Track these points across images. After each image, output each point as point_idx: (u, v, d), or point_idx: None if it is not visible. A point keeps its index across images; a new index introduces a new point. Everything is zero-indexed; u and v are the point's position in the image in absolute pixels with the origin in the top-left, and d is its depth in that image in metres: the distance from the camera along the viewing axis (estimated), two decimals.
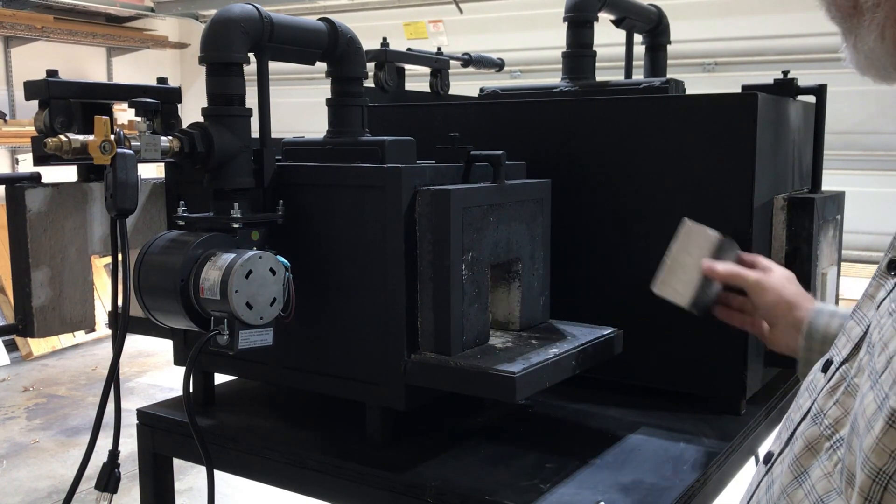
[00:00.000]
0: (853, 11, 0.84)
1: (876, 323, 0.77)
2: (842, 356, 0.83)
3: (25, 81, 1.72)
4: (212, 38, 1.50)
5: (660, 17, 2.41)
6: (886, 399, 0.68)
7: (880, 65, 0.84)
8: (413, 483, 1.43)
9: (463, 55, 2.63)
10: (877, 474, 0.67)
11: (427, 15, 7.19)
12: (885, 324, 0.74)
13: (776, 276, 1.44)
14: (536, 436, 1.61)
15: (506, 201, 1.57)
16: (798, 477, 0.82)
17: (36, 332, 1.66)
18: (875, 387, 0.70)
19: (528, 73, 6.67)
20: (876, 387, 0.70)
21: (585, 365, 1.55)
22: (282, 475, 1.59)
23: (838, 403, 0.80)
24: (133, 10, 7.81)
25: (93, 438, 1.44)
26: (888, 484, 0.66)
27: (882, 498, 0.67)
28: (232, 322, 1.41)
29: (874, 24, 0.82)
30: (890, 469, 0.66)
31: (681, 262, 1.50)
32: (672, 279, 1.50)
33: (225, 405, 1.81)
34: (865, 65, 0.86)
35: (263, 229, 1.54)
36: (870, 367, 0.74)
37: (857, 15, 0.84)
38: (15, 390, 5.75)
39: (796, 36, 5.58)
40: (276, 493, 1.80)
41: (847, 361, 0.81)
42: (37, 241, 1.64)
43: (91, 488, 1.45)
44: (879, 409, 0.68)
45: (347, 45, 1.64)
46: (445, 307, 1.45)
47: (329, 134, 1.69)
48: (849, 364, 0.80)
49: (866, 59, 0.85)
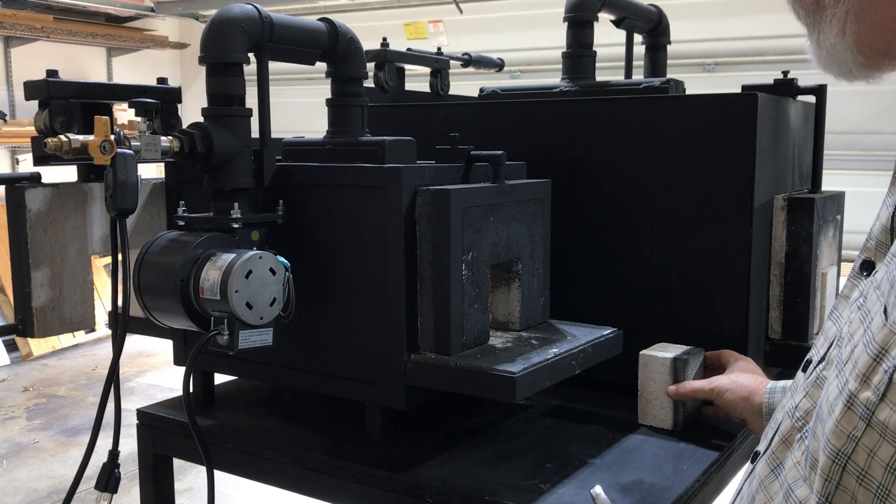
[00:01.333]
0: (816, 7, 0.85)
1: (847, 319, 0.80)
2: (819, 355, 0.86)
3: (25, 81, 1.72)
4: (212, 38, 1.50)
5: (660, 17, 2.41)
6: (846, 384, 0.71)
7: (841, 60, 0.84)
8: (413, 483, 1.43)
9: (463, 55, 2.63)
10: (836, 455, 0.69)
11: (427, 15, 7.19)
12: (853, 317, 0.77)
13: (734, 372, 1.58)
14: (536, 436, 1.61)
15: (506, 201, 1.57)
16: (774, 469, 0.85)
17: (36, 332, 1.66)
18: (839, 375, 0.73)
19: (528, 73, 6.67)
20: (840, 374, 0.73)
21: (585, 365, 1.55)
22: (282, 475, 1.59)
23: (808, 396, 0.83)
24: (133, 10, 7.81)
25: (93, 438, 1.44)
26: (846, 464, 0.69)
27: (841, 478, 0.69)
28: (232, 322, 1.40)
29: (836, 19, 0.82)
30: (848, 449, 0.69)
31: (650, 392, 1.62)
32: (649, 408, 1.63)
33: (225, 405, 1.81)
34: (827, 61, 0.86)
35: (263, 229, 1.54)
36: (837, 359, 0.77)
37: (820, 10, 0.84)
38: (15, 390, 5.75)
39: (796, 36, 5.53)
40: (276, 493, 1.80)
41: (823, 360, 0.84)
42: (37, 241, 1.64)
43: (91, 488, 1.45)
44: (840, 393, 0.71)
45: (347, 45, 1.64)
46: (445, 307, 1.45)
47: (329, 134, 1.69)
48: (824, 362, 0.83)
49: (828, 54, 0.85)
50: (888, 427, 0.66)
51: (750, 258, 1.69)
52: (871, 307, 0.75)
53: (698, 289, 1.73)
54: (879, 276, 0.76)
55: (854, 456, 0.69)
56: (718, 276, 1.71)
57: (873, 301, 0.75)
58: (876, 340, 0.70)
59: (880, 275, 0.76)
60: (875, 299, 0.74)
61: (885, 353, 0.68)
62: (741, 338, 1.69)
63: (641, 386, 1.63)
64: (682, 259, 1.75)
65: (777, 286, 1.84)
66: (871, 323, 0.72)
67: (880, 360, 0.68)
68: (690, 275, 1.74)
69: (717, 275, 1.71)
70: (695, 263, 1.73)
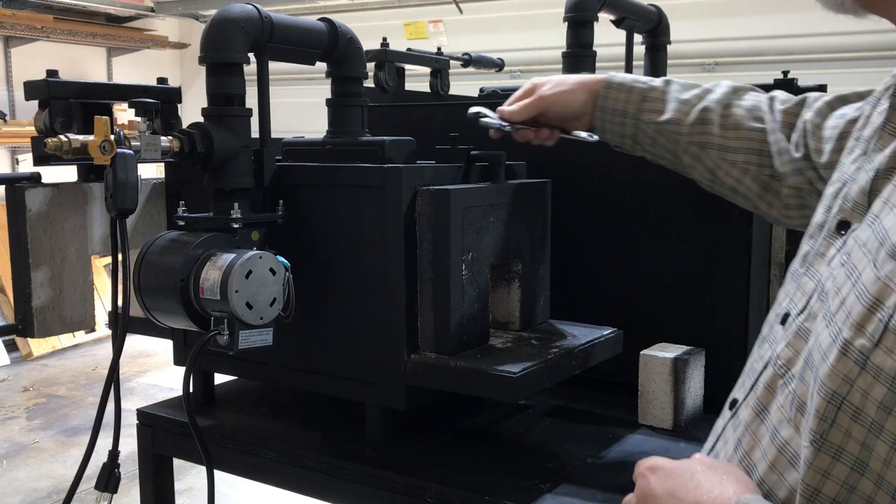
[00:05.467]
0: None
1: (829, 274, 0.86)
2: (798, 308, 0.92)
3: (25, 81, 1.71)
4: (212, 38, 1.50)
5: (660, 17, 2.41)
6: (840, 332, 0.77)
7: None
8: (413, 483, 1.43)
9: (463, 55, 2.63)
10: (831, 396, 0.76)
11: (427, 15, 7.19)
12: (839, 273, 0.83)
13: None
14: (536, 436, 1.61)
15: (506, 201, 1.57)
16: (759, 414, 0.91)
17: (36, 332, 1.66)
18: (830, 325, 0.80)
19: (528, 73, 6.66)
20: (831, 325, 0.79)
21: (585, 365, 1.55)
22: (282, 475, 1.59)
23: (789, 346, 0.89)
24: (133, 10, 7.80)
25: (93, 438, 1.44)
26: (842, 404, 0.75)
27: (836, 417, 0.76)
28: (232, 322, 1.41)
29: None
30: (843, 391, 0.75)
31: (650, 392, 1.63)
32: (649, 408, 1.63)
33: (225, 405, 1.81)
34: None
35: (263, 229, 1.54)
36: (824, 310, 0.83)
37: None
38: (15, 390, 5.75)
39: (796, 36, 5.58)
40: (276, 493, 1.80)
41: (801, 313, 0.90)
42: (37, 241, 1.63)
43: (91, 488, 1.45)
44: (834, 342, 0.78)
45: (347, 45, 1.64)
46: (445, 307, 1.45)
47: (329, 134, 1.69)
48: (802, 315, 0.90)
49: None
50: (882, 370, 0.72)
51: (750, 258, 1.69)
52: (857, 263, 0.81)
53: (698, 289, 1.74)
54: (865, 236, 0.82)
55: (849, 396, 0.75)
56: (718, 276, 1.71)
57: (860, 258, 0.81)
58: (869, 292, 0.76)
59: (865, 234, 0.82)
60: (861, 256, 0.80)
61: (879, 303, 0.74)
62: (741, 338, 1.69)
63: (641, 386, 1.64)
64: (682, 259, 1.75)
65: (777, 286, 1.84)
66: (861, 277, 0.78)
67: (874, 310, 0.74)
68: (690, 275, 1.74)
69: (717, 275, 1.71)
70: (695, 263, 1.73)
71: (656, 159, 1.50)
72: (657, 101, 1.44)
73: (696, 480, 0.86)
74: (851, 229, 0.87)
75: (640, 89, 1.46)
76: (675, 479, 0.88)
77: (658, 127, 1.43)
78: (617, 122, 1.46)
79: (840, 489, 0.76)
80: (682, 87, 1.46)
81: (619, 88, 1.46)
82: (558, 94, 1.48)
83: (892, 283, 0.74)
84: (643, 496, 0.90)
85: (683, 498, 0.85)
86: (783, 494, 0.83)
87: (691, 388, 1.63)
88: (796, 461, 0.82)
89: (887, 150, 0.86)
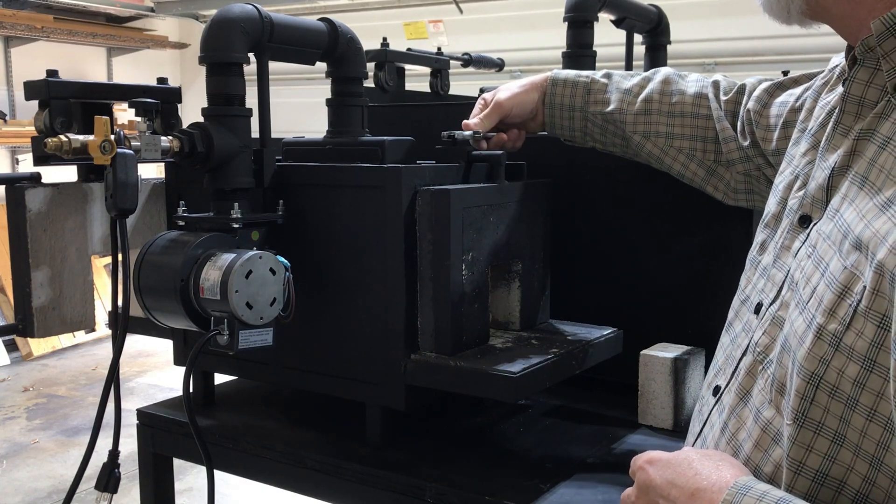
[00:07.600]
0: None
1: (797, 266, 0.94)
2: (770, 298, 0.99)
3: (25, 81, 1.71)
4: (212, 38, 1.50)
5: (660, 17, 2.41)
6: (814, 318, 0.84)
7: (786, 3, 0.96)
8: (413, 483, 1.43)
9: (463, 55, 2.63)
10: (810, 377, 0.83)
11: (427, 15, 7.19)
12: (806, 265, 0.91)
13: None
14: (536, 436, 1.61)
15: (506, 201, 1.57)
16: (742, 398, 0.98)
17: (36, 332, 1.66)
18: (804, 312, 0.87)
19: (528, 73, 6.63)
20: (805, 312, 0.86)
21: (585, 365, 1.55)
22: (282, 475, 1.59)
23: (766, 333, 0.96)
24: (133, 10, 7.80)
25: (93, 438, 1.44)
26: (819, 383, 0.83)
27: (815, 396, 0.83)
28: (232, 322, 1.41)
29: None
30: (820, 371, 0.82)
31: (650, 391, 1.63)
32: (649, 408, 1.63)
33: (225, 405, 1.81)
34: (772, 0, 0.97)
35: (263, 229, 1.54)
36: (796, 299, 0.90)
37: None
38: (15, 390, 5.75)
39: (796, 36, 5.55)
40: (276, 493, 1.80)
41: (774, 302, 0.97)
42: (37, 241, 1.63)
43: (91, 488, 1.45)
44: (808, 327, 0.85)
45: (347, 45, 1.64)
46: (445, 307, 1.45)
47: (329, 134, 1.69)
48: (775, 304, 0.97)
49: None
50: (854, 350, 0.80)
51: None
52: (823, 254, 0.88)
53: (698, 289, 1.73)
54: (827, 229, 0.89)
55: (826, 376, 0.82)
56: (718, 276, 1.71)
57: (825, 249, 0.88)
58: (838, 280, 0.83)
59: (828, 227, 0.89)
60: (827, 248, 0.88)
61: (847, 290, 0.81)
62: None
63: (641, 386, 1.63)
64: (683, 259, 1.75)
65: None
66: (829, 267, 0.85)
67: (843, 296, 0.82)
68: (690, 275, 1.74)
69: (717, 275, 1.71)
70: (695, 263, 1.73)
71: (607, 148, 1.61)
72: (600, 93, 1.55)
73: (694, 468, 0.89)
74: (813, 223, 0.94)
75: (583, 83, 1.57)
76: (673, 469, 0.91)
77: (605, 117, 1.54)
78: (566, 117, 1.58)
79: (822, 460, 0.83)
80: (623, 77, 1.56)
81: (564, 84, 1.57)
82: (514, 96, 1.59)
83: (858, 271, 0.81)
84: (644, 488, 0.94)
85: (684, 486, 0.88)
86: (769, 470, 0.90)
87: (691, 388, 1.63)
88: (779, 438, 0.89)
89: (840, 150, 0.92)
